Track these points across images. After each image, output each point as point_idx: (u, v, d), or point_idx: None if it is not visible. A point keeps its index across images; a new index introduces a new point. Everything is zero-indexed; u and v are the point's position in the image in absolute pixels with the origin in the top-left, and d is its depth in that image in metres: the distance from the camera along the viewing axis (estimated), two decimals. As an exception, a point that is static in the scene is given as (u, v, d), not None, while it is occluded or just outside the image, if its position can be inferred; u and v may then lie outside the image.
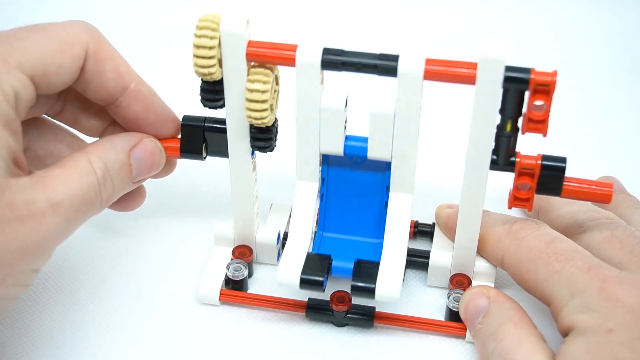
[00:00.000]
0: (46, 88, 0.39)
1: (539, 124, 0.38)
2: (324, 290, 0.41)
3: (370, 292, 0.40)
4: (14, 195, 0.36)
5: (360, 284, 0.41)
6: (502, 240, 0.43)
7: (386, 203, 0.43)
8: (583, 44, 0.64)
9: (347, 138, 0.42)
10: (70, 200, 0.38)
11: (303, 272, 0.41)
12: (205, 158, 0.45)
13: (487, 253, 0.44)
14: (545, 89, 0.37)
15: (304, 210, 0.43)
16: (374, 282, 0.40)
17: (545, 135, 0.38)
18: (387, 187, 0.43)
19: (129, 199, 0.46)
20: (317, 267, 0.41)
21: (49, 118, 0.45)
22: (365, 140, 0.42)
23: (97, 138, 0.46)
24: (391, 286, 0.40)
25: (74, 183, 0.38)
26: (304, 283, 0.41)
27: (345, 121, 0.42)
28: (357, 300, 0.44)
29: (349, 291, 0.44)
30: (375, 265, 0.41)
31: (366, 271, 0.41)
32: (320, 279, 0.41)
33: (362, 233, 0.45)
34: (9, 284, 0.37)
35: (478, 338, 0.41)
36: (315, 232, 0.45)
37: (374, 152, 0.42)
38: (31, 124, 0.44)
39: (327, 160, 0.44)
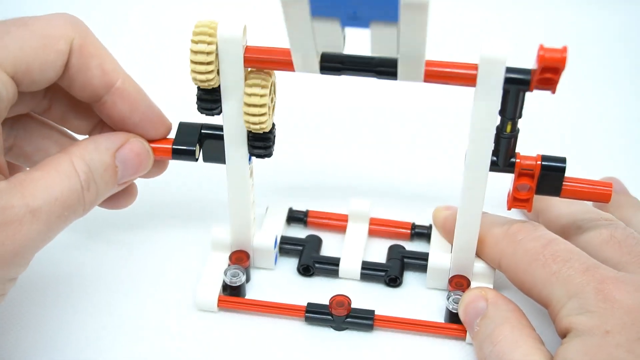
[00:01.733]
0: (29, 85, 0.38)
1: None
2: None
3: None
4: None
5: None
6: (500, 242, 0.43)
7: None
8: (583, 44, 0.64)
9: None
10: (50, 206, 0.36)
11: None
12: (197, 160, 0.44)
13: (484, 255, 0.44)
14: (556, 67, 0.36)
15: None
16: None
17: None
18: None
19: (120, 198, 0.44)
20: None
21: (37, 115, 0.44)
22: None
23: (87, 136, 0.45)
24: None
25: (54, 187, 0.37)
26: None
27: None
28: (356, 304, 0.44)
29: (347, 295, 0.44)
30: None
31: None
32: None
33: None
34: None
35: (476, 340, 0.41)
36: None
37: None
38: (18, 121, 0.43)
39: None
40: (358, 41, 0.42)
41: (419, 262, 0.47)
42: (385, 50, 0.35)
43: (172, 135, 0.44)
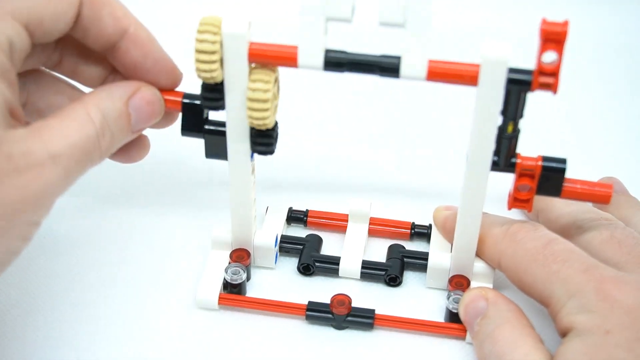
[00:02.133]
0: (42, 36, 0.39)
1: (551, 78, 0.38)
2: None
3: None
4: (11, 147, 0.35)
5: None
6: (500, 242, 0.43)
7: None
8: (583, 44, 0.64)
9: None
10: (69, 151, 0.37)
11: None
12: (205, 117, 0.43)
13: (484, 255, 0.44)
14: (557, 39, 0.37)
15: None
16: None
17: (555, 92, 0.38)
18: None
19: (132, 150, 0.45)
20: None
21: (48, 70, 0.44)
22: None
23: None
24: None
25: (72, 134, 0.37)
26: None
27: None
28: (356, 303, 0.44)
29: (348, 294, 0.44)
30: None
31: None
32: None
33: None
34: (10, 236, 0.36)
35: (476, 340, 0.41)
36: None
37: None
38: (30, 77, 0.43)
39: None
40: (361, 41, 0.43)
41: (419, 262, 0.47)
42: (393, 15, 0.37)
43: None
